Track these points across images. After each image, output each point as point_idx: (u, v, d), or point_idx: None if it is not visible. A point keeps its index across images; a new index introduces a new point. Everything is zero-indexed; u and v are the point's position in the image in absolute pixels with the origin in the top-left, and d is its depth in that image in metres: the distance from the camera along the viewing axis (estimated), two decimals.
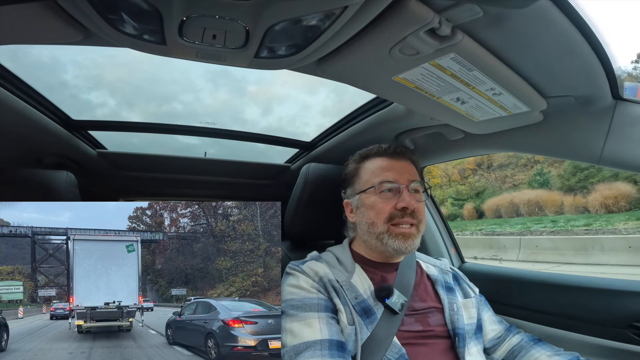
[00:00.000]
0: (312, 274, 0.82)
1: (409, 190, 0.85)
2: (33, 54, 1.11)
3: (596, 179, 13.91)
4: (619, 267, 6.68)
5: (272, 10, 0.51)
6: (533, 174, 18.05)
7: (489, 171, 20.42)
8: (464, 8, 0.53)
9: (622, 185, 12.28)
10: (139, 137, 1.54)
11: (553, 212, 14.74)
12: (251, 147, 1.61)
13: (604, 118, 0.78)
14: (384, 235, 0.83)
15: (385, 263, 0.89)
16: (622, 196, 12.32)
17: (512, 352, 0.90)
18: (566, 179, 15.74)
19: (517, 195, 16.43)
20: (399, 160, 0.90)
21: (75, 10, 0.55)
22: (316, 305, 0.76)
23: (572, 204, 14.42)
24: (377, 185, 0.86)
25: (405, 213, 0.82)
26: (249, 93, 10.56)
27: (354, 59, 0.68)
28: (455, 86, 0.73)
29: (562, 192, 15.38)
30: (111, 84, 4.95)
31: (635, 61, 14.14)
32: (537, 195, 15.78)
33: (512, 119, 0.86)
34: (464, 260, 1.49)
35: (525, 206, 15.70)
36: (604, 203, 12.72)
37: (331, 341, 0.70)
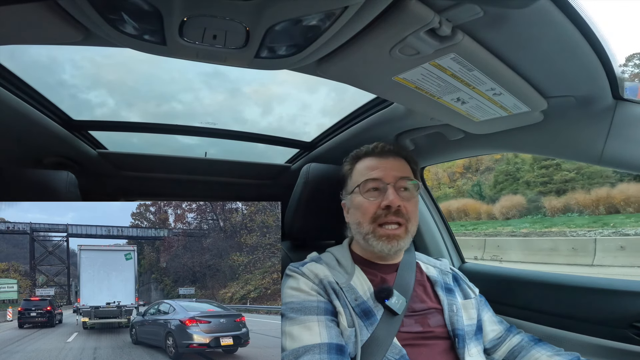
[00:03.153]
0: (312, 276, 0.82)
1: (396, 188, 0.84)
2: (33, 54, 1.11)
3: (506, 191, 17.51)
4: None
5: (272, 11, 0.51)
6: (472, 185, 21.12)
7: (476, 175, 21.26)
8: (464, 8, 0.53)
9: (517, 197, 15.97)
10: (139, 137, 1.54)
11: (473, 218, 18.17)
12: (251, 147, 1.60)
13: (604, 118, 0.78)
14: (369, 236, 0.83)
15: (384, 264, 0.89)
16: (514, 206, 16.26)
17: (513, 353, 0.89)
18: (489, 190, 19.03)
19: (453, 203, 19.71)
20: (387, 158, 0.89)
21: (76, 10, 0.55)
22: (316, 308, 0.76)
23: (485, 211, 18.07)
24: (361, 185, 0.86)
25: (389, 212, 0.82)
26: (249, 92, 10.58)
27: (354, 59, 0.68)
28: (455, 86, 0.73)
29: (484, 201, 18.93)
30: (111, 84, 4.97)
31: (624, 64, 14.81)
32: (465, 203, 19.21)
33: (512, 119, 0.86)
34: (464, 261, 1.49)
35: (455, 212, 19.09)
36: (502, 212, 16.83)
37: (330, 345, 0.70)
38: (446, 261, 1.03)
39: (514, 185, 17.49)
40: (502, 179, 18.37)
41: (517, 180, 17.82)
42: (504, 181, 18.07)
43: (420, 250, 1.34)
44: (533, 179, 16.98)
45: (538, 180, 16.67)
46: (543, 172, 16.71)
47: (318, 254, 0.93)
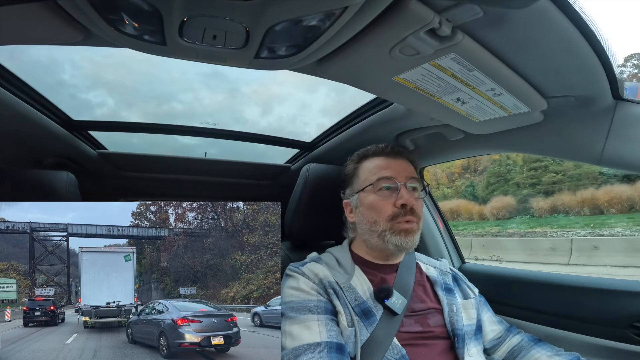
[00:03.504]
0: (312, 275, 0.82)
1: (407, 188, 0.85)
2: (33, 54, 1.11)
3: (498, 192, 17.77)
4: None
5: (272, 11, 0.51)
6: (465, 186, 21.33)
7: (474, 175, 21.44)
8: (464, 8, 0.53)
9: (507, 198, 16.21)
10: (140, 137, 1.54)
11: (466, 218, 18.35)
12: (251, 148, 1.60)
13: (604, 118, 0.78)
14: (386, 233, 0.83)
15: (385, 264, 0.89)
16: (504, 207, 16.50)
17: (512, 353, 0.89)
18: (482, 191, 19.14)
19: (447, 204, 19.88)
20: (396, 159, 0.91)
21: (76, 10, 0.55)
22: (315, 307, 0.76)
23: (477, 212, 18.23)
24: (375, 183, 0.86)
25: (405, 210, 0.83)
26: (249, 92, 10.56)
27: (354, 60, 0.68)
28: (455, 86, 0.73)
29: (477, 202, 19.00)
30: (111, 84, 4.95)
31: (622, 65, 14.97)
32: (458, 204, 19.32)
33: (512, 119, 0.86)
34: (464, 261, 1.49)
35: (448, 213, 19.04)
36: (493, 212, 17.11)
37: (330, 343, 0.70)
38: (446, 261, 1.03)
39: (505, 186, 17.70)
40: (494, 181, 18.55)
41: (508, 182, 17.97)
42: (495, 182, 18.32)
43: (421, 250, 1.33)
44: (522, 181, 17.19)
45: (527, 182, 16.83)
46: (532, 174, 16.91)
47: (318, 254, 0.93)
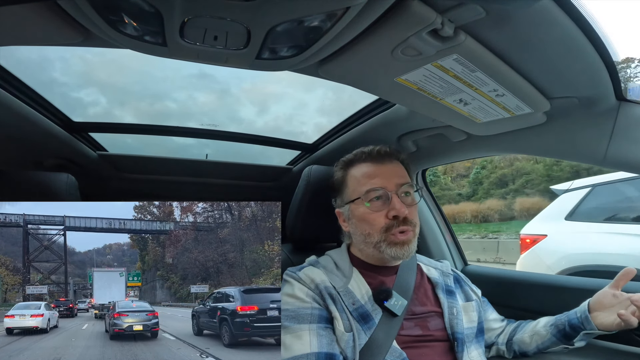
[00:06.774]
0: (309, 281, 0.81)
1: (399, 194, 0.82)
2: (33, 55, 1.11)
3: (478, 196, 17.94)
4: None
5: (273, 11, 0.50)
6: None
7: (461, 179, 21.78)
8: (467, 8, 0.52)
9: (494, 201, 16.34)
10: (140, 139, 1.54)
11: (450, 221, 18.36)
12: (252, 149, 1.60)
13: (607, 119, 0.78)
14: (381, 244, 0.81)
15: (384, 267, 0.88)
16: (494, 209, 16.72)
17: (514, 330, 0.96)
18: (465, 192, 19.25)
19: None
20: (384, 163, 0.86)
21: (76, 11, 0.55)
22: (309, 315, 0.75)
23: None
24: (363, 196, 0.82)
25: (399, 221, 0.80)
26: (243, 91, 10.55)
27: (356, 61, 0.68)
28: (457, 87, 0.72)
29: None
30: (103, 82, 4.93)
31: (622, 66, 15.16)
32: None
33: (515, 120, 0.86)
34: (466, 263, 1.48)
35: None
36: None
37: (319, 354, 0.69)
38: (448, 263, 1.02)
39: (481, 191, 17.93)
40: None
41: (481, 185, 18.06)
42: (478, 184, 18.48)
43: (423, 252, 1.33)
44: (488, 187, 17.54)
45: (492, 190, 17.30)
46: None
47: (316, 258, 0.92)
